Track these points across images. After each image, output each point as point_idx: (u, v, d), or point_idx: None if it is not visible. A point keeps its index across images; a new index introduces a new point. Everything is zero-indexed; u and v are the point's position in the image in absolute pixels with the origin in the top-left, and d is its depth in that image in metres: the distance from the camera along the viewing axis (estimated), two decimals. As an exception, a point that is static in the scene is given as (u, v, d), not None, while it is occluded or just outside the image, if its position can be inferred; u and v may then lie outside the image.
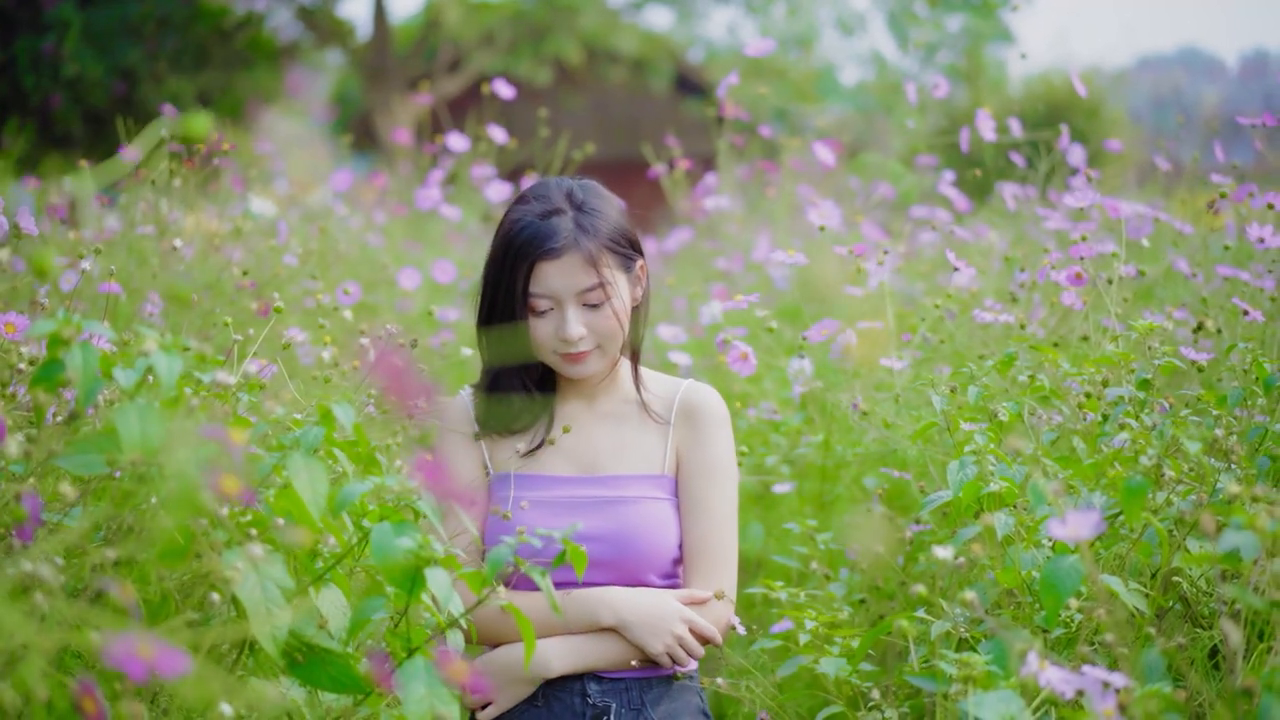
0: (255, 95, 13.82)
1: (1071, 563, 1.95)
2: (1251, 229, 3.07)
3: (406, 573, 1.86)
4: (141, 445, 1.73)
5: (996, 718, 1.78)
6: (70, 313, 1.82)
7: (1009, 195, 4.97)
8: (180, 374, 1.84)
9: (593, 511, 2.57)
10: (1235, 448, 2.14)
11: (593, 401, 2.70)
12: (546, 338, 2.56)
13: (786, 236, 5.39)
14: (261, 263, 4.28)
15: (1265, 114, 3.63)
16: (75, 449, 1.78)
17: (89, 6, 11.99)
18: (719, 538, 2.60)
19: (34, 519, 1.53)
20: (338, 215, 5.60)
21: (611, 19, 18.20)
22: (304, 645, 1.92)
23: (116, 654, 1.15)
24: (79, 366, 1.77)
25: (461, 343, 3.88)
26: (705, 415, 2.67)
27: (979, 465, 2.18)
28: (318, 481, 1.87)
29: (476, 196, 5.98)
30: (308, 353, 3.63)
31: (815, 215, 3.50)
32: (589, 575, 2.53)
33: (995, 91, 17.95)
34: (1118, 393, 2.43)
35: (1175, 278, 4.13)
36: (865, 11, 20.50)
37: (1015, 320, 3.16)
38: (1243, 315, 3.04)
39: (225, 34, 13.29)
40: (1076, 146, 5.04)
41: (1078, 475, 2.25)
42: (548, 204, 2.57)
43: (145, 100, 12.11)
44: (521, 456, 2.63)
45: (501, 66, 17.19)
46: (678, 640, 2.50)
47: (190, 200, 4.28)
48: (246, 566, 1.74)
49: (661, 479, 2.63)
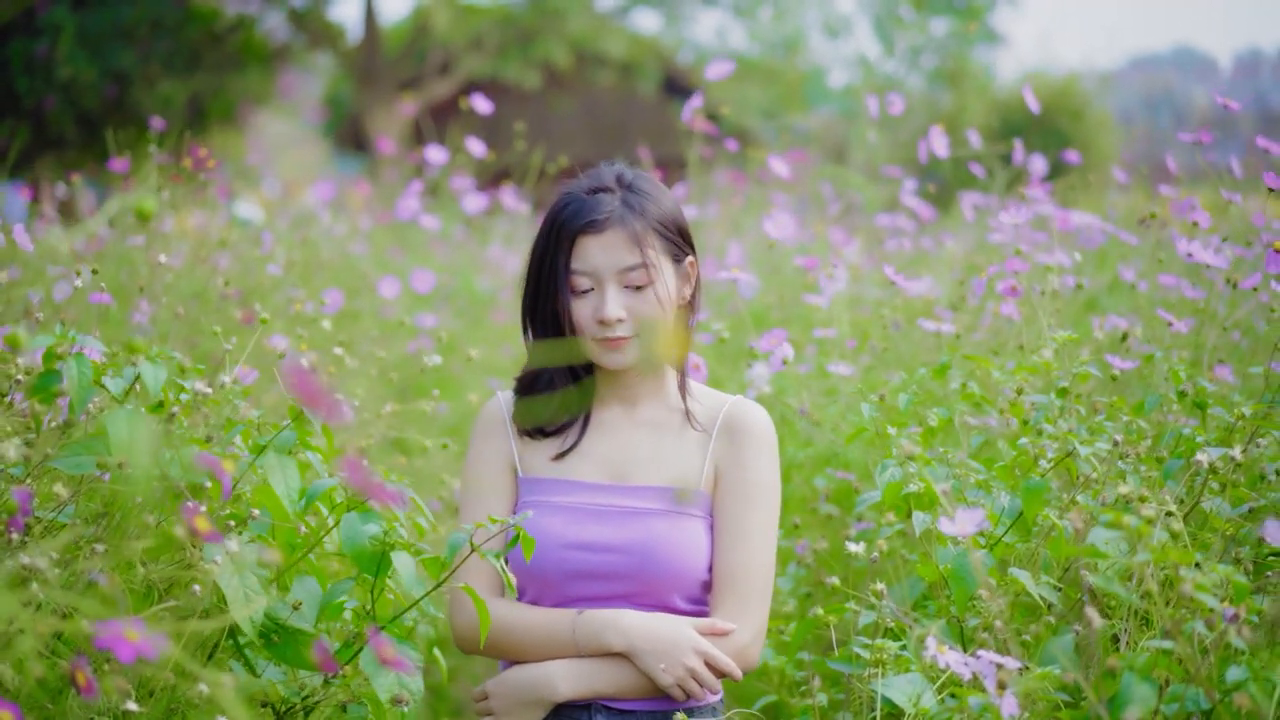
0: (247, 97, 13.98)
1: (979, 557, 2.13)
2: (1180, 244, 3.24)
3: (373, 558, 2.04)
4: (129, 448, 1.92)
5: (903, 698, 1.97)
6: (66, 328, 2.01)
7: (969, 206, 5.15)
8: (165, 382, 2.03)
9: (618, 521, 2.44)
10: (1131, 450, 2.33)
11: (634, 407, 2.55)
12: (585, 320, 2.43)
13: (757, 244, 5.57)
14: (247, 272, 4.46)
15: (1202, 131, 3.80)
16: (68, 451, 1.97)
17: (82, 10, 12.14)
18: (752, 565, 2.42)
19: (24, 510, 1.70)
20: (322, 223, 5.77)
21: (600, 23, 18.35)
22: (279, 627, 2.11)
23: (105, 637, 1.33)
24: (74, 377, 1.96)
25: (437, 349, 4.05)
26: (749, 433, 2.50)
27: (901, 467, 2.36)
28: (291, 478, 2.06)
29: (456, 205, 6.16)
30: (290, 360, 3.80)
31: (771, 228, 3.68)
32: (609, 589, 2.43)
33: (980, 95, 18.13)
34: (1036, 399, 2.61)
35: (1121, 287, 4.30)
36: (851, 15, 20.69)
37: (954, 330, 3.34)
38: (1167, 326, 3.22)
39: (217, 37, 13.46)
40: (1036, 157, 5.23)
41: (999, 477, 2.43)
42: (596, 181, 2.47)
43: (138, 103, 12.28)
44: (551, 460, 2.51)
45: (490, 70, 17.38)
46: (690, 673, 2.34)
47: (179, 204, 4.46)
48: (225, 559, 1.92)
49: (696, 494, 2.47)
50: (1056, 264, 3.42)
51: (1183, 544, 1.84)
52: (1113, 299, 4.32)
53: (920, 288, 4.20)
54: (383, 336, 4.22)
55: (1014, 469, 2.35)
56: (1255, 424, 2.48)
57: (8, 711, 1.37)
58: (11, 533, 1.73)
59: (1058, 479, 2.47)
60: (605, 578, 2.42)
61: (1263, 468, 2.42)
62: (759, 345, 3.16)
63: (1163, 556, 1.71)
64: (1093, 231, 4.52)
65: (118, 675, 1.52)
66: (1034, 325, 3.35)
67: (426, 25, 17.63)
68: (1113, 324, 3.43)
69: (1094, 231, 4.51)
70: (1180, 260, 3.93)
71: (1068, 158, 5.35)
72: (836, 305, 3.87)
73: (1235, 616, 1.72)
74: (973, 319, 3.85)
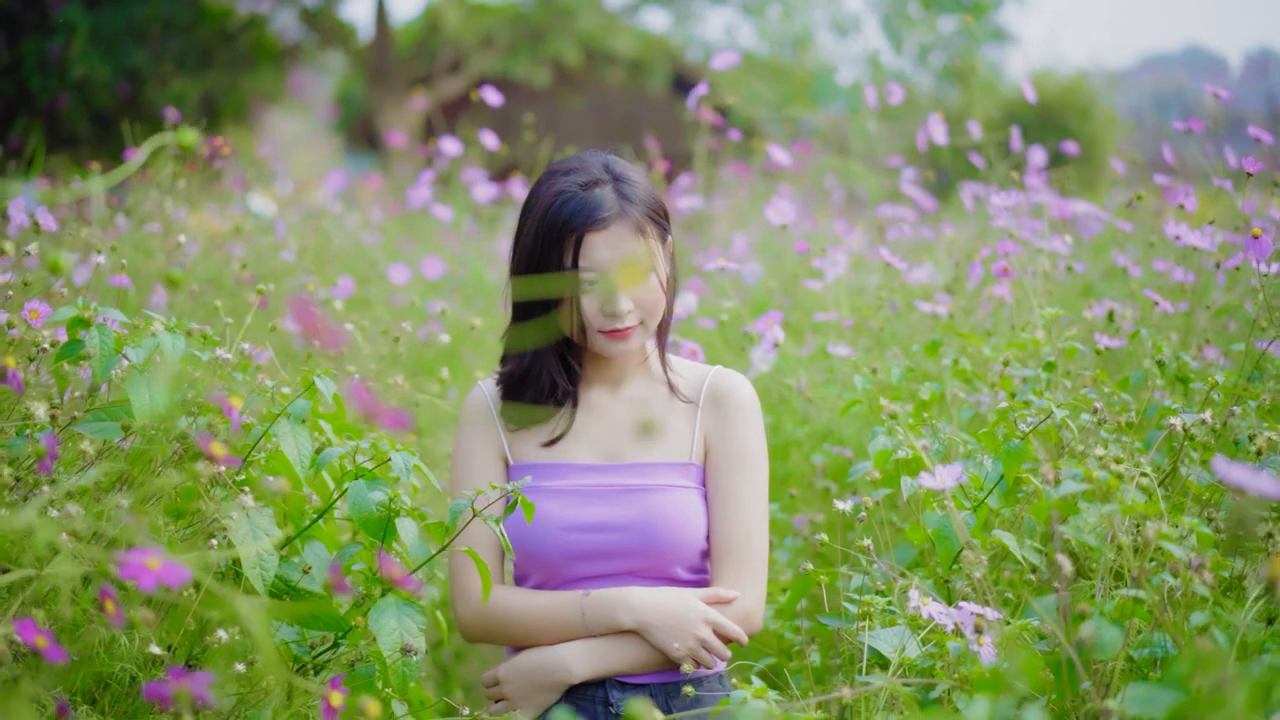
0: (259, 96, 14.08)
1: (962, 518, 2.23)
2: (1168, 226, 3.32)
3: (379, 523, 2.14)
4: (150, 412, 2.02)
5: (888, 648, 2.07)
6: (88, 300, 2.12)
7: (968, 195, 5.24)
8: (182, 352, 2.13)
9: (616, 500, 2.47)
10: (1110, 418, 2.42)
11: (618, 387, 2.58)
12: (592, 314, 2.44)
13: (762, 235, 5.67)
14: (260, 259, 4.56)
15: (1192, 119, 3.89)
16: (94, 416, 2.08)
17: (96, 9, 12.23)
18: (749, 532, 2.47)
19: (52, 454, 1.81)
20: (334, 214, 5.88)
21: (609, 21, 18.43)
22: (290, 589, 2.21)
23: (129, 567, 1.43)
24: (97, 344, 2.06)
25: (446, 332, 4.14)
26: (735, 402, 2.54)
27: (890, 436, 2.46)
28: (302, 445, 2.16)
29: (467, 196, 6.26)
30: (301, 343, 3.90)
31: (773, 214, 3.77)
32: (612, 566, 2.46)
33: (988, 92, 18.17)
34: (1023, 373, 2.71)
35: (1118, 273, 4.39)
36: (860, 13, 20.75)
37: (948, 312, 3.44)
38: (1153, 305, 3.31)
39: (229, 36, 13.55)
40: (1035, 148, 5.33)
41: (981, 441, 2.52)
42: (587, 175, 2.46)
43: (151, 101, 12.36)
44: (542, 447, 2.53)
45: (501, 68, 17.47)
46: (701, 643, 2.39)
47: (194, 199, 4.57)
48: (240, 516, 2.02)
49: (688, 467, 2.51)
50: (1053, 251, 3.52)
51: (1152, 499, 1.93)
52: (1108, 285, 4.40)
53: (921, 275, 4.31)
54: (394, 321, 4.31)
55: (995, 433, 2.44)
56: (1228, 392, 2.57)
57: (43, 637, 1.47)
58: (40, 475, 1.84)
59: (1043, 449, 2.56)
60: (608, 556, 2.46)
61: (1237, 434, 2.51)
62: (754, 328, 3.26)
63: (1130, 510, 1.80)
64: (1091, 220, 4.61)
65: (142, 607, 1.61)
66: (1026, 306, 3.44)
67: (437, 24, 17.74)
68: (1106, 308, 3.51)
69: (1092, 220, 4.61)
70: (1174, 247, 4.02)
71: (1066, 149, 5.43)
72: (837, 290, 3.96)
73: (1200, 565, 1.81)
74: (970, 302, 3.94)
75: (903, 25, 18.84)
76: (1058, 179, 5.32)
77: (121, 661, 1.96)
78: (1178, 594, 1.88)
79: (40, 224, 2.76)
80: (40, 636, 1.46)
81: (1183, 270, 3.95)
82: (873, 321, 3.68)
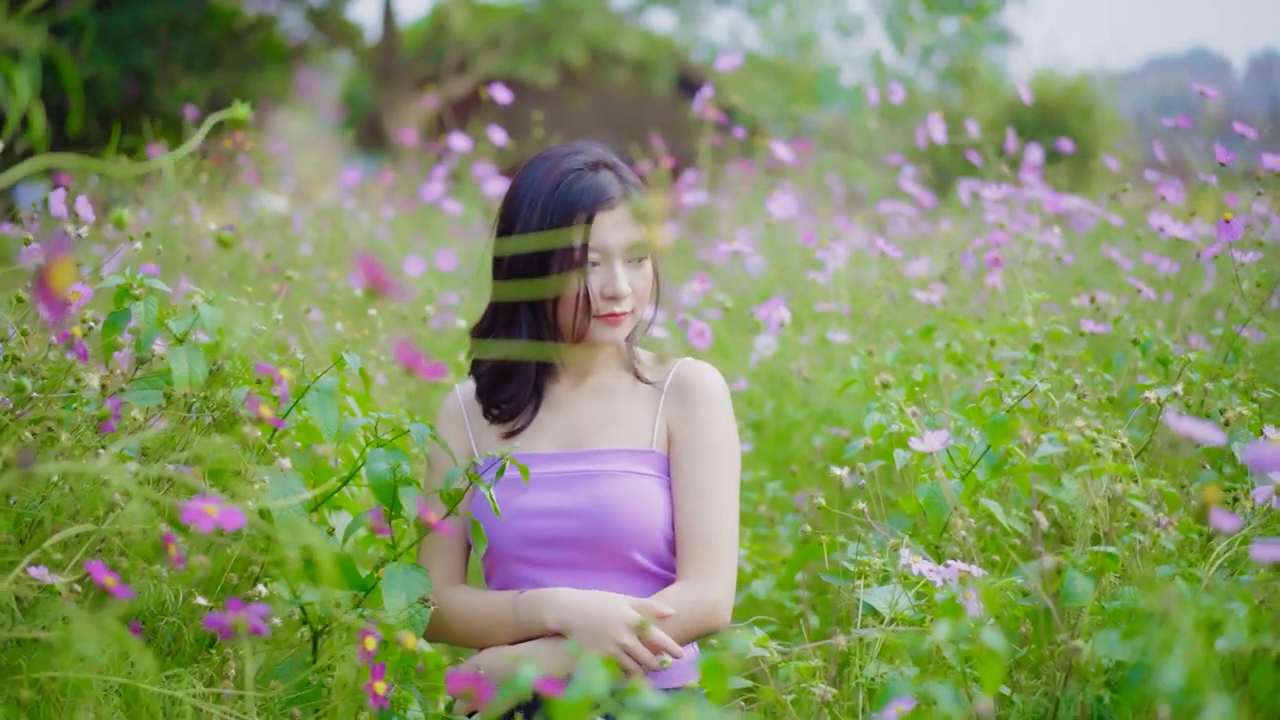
0: (266, 96, 14.19)
1: (951, 486, 2.38)
2: (1153, 218, 3.47)
3: (389, 488, 2.29)
4: (190, 380, 2.18)
5: (883, 605, 2.22)
6: (135, 270, 2.28)
7: (965, 192, 5.39)
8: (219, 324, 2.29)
9: (572, 486, 2.46)
10: (1091, 394, 2.57)
11: (583, 378, 2.57)
12: (593, 297, 2.44)
13: (765, 229, 5.81)
14: (279, 252, 4.72)
15: (1181, 117, 4.04)
16: (138, 385, 2.23)
17: (104, 9, 12.36)
18: (713, 522, 2.43)
19: (115, 415, 1.97)
20: (347, 210, 6.03)
21: (615, 22, 18.57)
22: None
23: (190, 512, 1.58)
24: (142, 313, 2.22)
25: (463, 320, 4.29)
26: (699, 392, 2.51)
27: (883, 411, 2.60)
28: (329, 414, 2.31)
29: (477, 192, 6.42)
30: (322, 332, 4.06)
31: (775, 208, 3.92)
32: (566, 555, 2.45)
33: (990, 93, 18.30)
34: (1010, 355, 2.86)
35: (1109, 265, 4.54)
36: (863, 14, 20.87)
37: (942, 300, 3.59)
38: (1137, 293, 3.47)
39: (236, 36, 13.67)
40: (1032, 145, 5.48)
41: (968, 416, 2.66)
42: (590, 156, 2.48)
43: (158, 101, 12.49)
44: (503, 439, 2.54)
45: (507, 68, 17.60)
46: (623, 650, 2.32)
47: (214, 195, 4.73)
48: (274, 478, 2.17)
49: (648, 454, 2.48)
50: (1044, 243, 3.67)
51: (1123, 461, 2.08)
52: (1100, 277, 4.56)
53: (919, 268, 4.46)
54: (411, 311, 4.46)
55: (982, 407, 2.59)
56: (1204, 370, 2.72)
57: (111, 577, 1.63)
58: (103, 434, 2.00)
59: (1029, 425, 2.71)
60: (560, 543, 2.44)
61: (1210, 409, 2.66)
62: (759, 313, 3.41)
63: (1100, 471, 1.95)
64: (1084, 215, 4.77)
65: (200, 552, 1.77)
66: (1018, 295, 3.59)
67: (444, 24, 17.88)
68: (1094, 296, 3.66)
69: (1085, 215, 4.76)
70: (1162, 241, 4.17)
71: (1062, 147, 5.58)
72: (837, 281, 4.11)
73: (1167, 524, 1.96)
74: (965, 292, 4.09)
75: (905, 26, 18.96)
76: (1051, 175, 5.47)
77: (166, 616, 2.12)
78: (1149, 550, 2.03)
79: (80, 214, 2.90)
80: (109, 576, 1.62)
81: (1169, 261, 4.11)
82: (871, 310, 3.83)
